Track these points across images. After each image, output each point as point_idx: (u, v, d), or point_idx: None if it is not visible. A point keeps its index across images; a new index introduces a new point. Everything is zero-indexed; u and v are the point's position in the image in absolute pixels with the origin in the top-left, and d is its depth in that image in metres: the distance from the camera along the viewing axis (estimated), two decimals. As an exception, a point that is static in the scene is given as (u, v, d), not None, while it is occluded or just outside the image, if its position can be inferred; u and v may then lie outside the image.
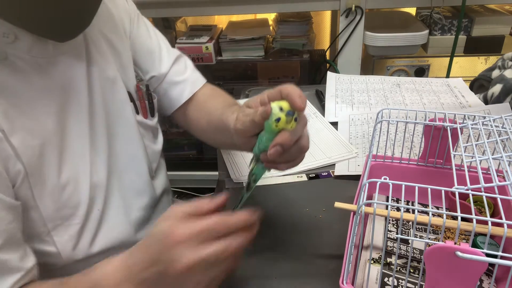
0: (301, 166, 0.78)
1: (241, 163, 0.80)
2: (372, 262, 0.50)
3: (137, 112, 0.67)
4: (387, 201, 0.41)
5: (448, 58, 1.31)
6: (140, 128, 0.67)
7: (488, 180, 0.42)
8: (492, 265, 0.37)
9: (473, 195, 0.41)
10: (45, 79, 0.52)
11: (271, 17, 1.65)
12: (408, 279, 0.48)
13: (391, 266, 0.50)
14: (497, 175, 0.41)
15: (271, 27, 1.58)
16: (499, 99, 0.89)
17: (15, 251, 0.47)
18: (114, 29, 0.65)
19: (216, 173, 0.81)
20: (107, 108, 0.60)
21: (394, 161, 0.63)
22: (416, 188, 0.41)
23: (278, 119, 0.44)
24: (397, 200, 0.62)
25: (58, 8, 0.47)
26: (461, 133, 0.54)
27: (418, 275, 0.49)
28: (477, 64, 1.38)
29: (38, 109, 0.51)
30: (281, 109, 0.44)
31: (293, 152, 0.48)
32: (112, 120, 0.61)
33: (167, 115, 0.78)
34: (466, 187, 0.41)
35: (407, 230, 0.56)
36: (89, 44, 0.59)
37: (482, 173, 0.42)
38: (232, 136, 0.56)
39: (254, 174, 0.53)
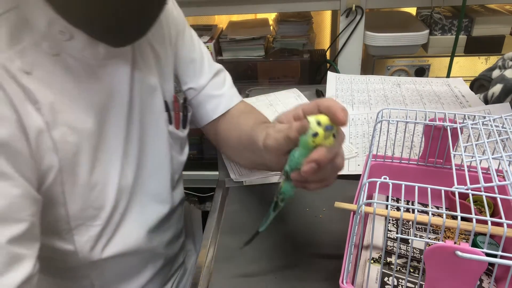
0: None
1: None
2: (372, 261, 0.50)
3: (170, 122, 0.67)
4: (387, 200, 0.41)
5: (448, 58, 1.31)
6: (170, 138, 0.67)
7: (488, 179, 0.42)
8: (492, 264, 0.37)
9: (473, 194, 0.41)
10: (92, 80, 0.53)
11: (271, 17, 1.65)
12: (408, 278, 0.48)
13: (391, 266, 0.50)
14: (497, 175, 0.41)
15: (271, 27, 1.58)
16: (499, 99, 0.89)
17: (31, 247, 0.45)
18: (161, 38, 0.65)
19: (216, 173, 0.81)
20: (143, 115, 0.61)
21: (394, 161, 0.63)
22: (416, 187, 0.41)
23: (316, 134, 0.41)
24: (397, 200, 0.62)
25: (120, 17, 0.47)
26: (461, 133, 0.54)
27: (418, 274, 0.49)
28: (477, 64, 1.38)
29: (80, 108, 0.52)
30: (319, 123, 0.41)
31: (327, 171, 0.45)
32: (146, 127, 0.62)
33: (198, 127, 0.77)
34: (466, 187, 0.41)
35: (407, 230, 0.56)
36: (136, 51, 0.60)
37: (482, 172, 0.42)
38: (262, 154, 0.53)
39: (283, 193, 0.49)
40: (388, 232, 0.55)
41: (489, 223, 0.37)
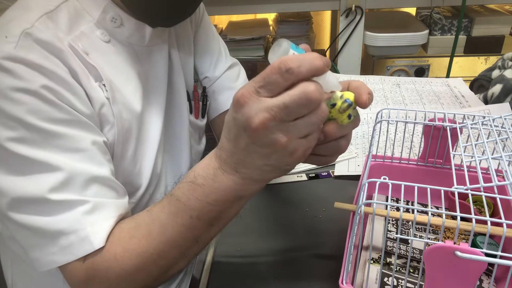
0: (301, 166, 0.78)
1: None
2: (371, 262, 0.50)
3: (190, 112, 0.69)
4: (387, 201, 0.41)
5: (448, 58, 1.31)
6: (190, 127, 0.69)
7: (487, 180, 0.42)
8: (491, 264, 0.37)
9: (472, 195, 0.41)
10: (137, 65, 0.58)
11: (271, 17, 1.65)
12: (408, 279, 0.48)
13: (391, 266, 0.50)
14: (497, 175, 0.41)
15: (271, 27, 1.58)
16: (499, 99, 0.89)
17: (115, 189, 0.50)
18: (185, 28, 0.69)
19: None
20: (174, 103, 0.65)
21: (393, 161, 0.63)
22: (416, 188, 0.42)
23: (334, 105, 0.41)
24: (397, 200, 0.62)
25: None
26: (461, 133, 0.54)
27: (418, 275, 0.49)
28: (477, 64, 1.38)
29: (130, 91, 0.56)
30: (341, 97, 0.41)
31: (330, 148, 0.45)
32: (174, 115, 0.65)
33: (208, 119, 0.78)
34: (465, 187, 0.41)
35: (406, 230, 0.56)
36: (172, 39, 0.64)
37: (482, 173, 0.42)
38: None
39: None
40: (388, 232, 0.56)
41: (489, 223, 0.37)
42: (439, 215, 0.45)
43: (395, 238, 0.54)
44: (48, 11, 0.50)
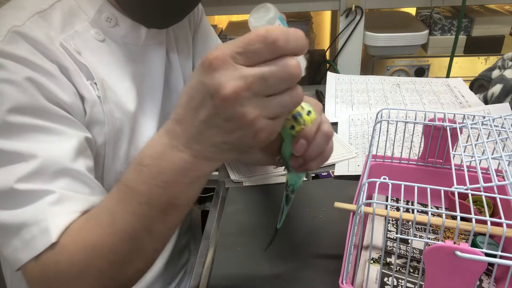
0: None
1: (240, 163, 0.80)
2: (371, 262, 0.50)
3: None
4: (387, 201, 0.41)
5: (448, 58, 1.31)
6: None
7: (487, 179, 0.42)
8: (491, 264, 0.37)
9: (472, 195, 0.41)
10: (132, 65, 0.58)
11: (271, 17, 1.65)
12: (408, 279, 0.48)
13: (391, 266, 0.50)
14: (497, 175, 0.41)
15: (271, 27, 1.57)
16: (499, 99, 0.89)
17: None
18: (184, 30, 0.69)
19: (216, 173, 0.81)
20: (172, 103, 0.65)
21: (393, 161, 0.63)
22: (416, 188, 0.42)
23: (293, 127, 0.41)
24: (397, 200, 0.62)
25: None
26: (461, 133, 0.54)
27: (418, 275, 0.49)
28: (477, 64, 1.38)
29: (123, 90, 0.56)
30: (293, 117, 0.41)
31: (319, 141, 0.44)
32: (170, 116, 0.65)
33: None
34: (465, 187, 0.41)
35: (406, 230, 0.56)
36: (170, 39, 0.65)
37: (482, 173, 0.42)
38: (255, 153, 0.54)
39: (291, 185, 0.50)
40: (388, 232, 0.55)
41: (489, 223, 0.37)
42: (439, 215, 0.45)
43: (395, 238, 0.54)
44: (41, 10, 0.50)
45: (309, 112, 0.42)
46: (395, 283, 0.47)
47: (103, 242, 0.41)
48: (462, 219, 0.40)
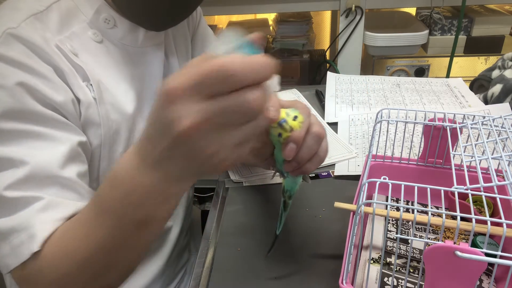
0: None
1: (240, 163, 0.80)
2: (371, 262, 0.50)
3: None
4: (387, 201, 0.41)
5: (448, 58, 1.31)
6: None
7: (487, 179, 0.42)
8: (491, 264, 0.37)
9: (472, 195, 0.41)
10: (130, 66, 0.57)
11: (271, 17, 1.65)
12: (408, 279, 0.48)
13: (391, 266, 0.50)
14: (497, 175, 0.41)
15: (271, 27, 1.58)
16: (499, 99, 0.89)
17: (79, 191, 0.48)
18: (182, 32, 0.69)
19: (216, 173, 0.81)
20: None
21: (393, 161, 0.63)
22: (416, 188, 0.42)
23: (280, 134, 0.43)
24: (397, 200, 0.62)
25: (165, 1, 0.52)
26: (461, 133, 0.54)
27: (418, 275, 0.49)
28: (477, 64, 1.38)
29: (121, 92, 0.56)
30: (279, 124, 0.42)
31: (310, 143, 0.45)
32: None
33: None
34: (465, 187, 0.41)
35: (406, 230, 0.56)
36: (169, 40, 0.65)
37: (482, 173, 0.42)
38: (250, 159, 0.57)
39: (287, 190, 0.51)
40: (388, 232, 0.55)
41: (489, 223, 0.37)
42: (439, 215, 0.45)
43: (395, 238, 0.54)
44: (37, 12, 0.50)
45: (295, 117, 0.43)
46: (395, 283, 0.47)
47: (79, 254, 0.42)
48: (462, 219, 0.40)
